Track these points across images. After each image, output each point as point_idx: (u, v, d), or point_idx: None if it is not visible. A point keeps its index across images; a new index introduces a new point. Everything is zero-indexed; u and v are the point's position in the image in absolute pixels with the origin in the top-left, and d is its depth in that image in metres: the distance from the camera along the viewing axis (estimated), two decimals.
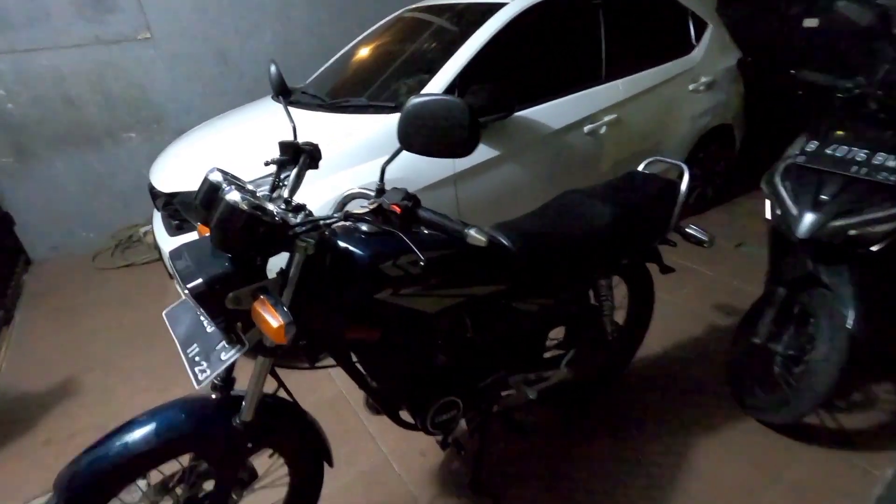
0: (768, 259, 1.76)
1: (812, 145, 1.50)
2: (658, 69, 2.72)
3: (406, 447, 1.67)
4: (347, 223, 0.99)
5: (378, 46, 2.71)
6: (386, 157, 1.09)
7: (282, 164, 1.08)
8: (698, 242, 1.49)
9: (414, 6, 2.86)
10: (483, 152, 2.14)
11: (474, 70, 2.12)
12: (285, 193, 1.03)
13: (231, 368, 1.06)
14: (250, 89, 3.48)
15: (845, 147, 1.43)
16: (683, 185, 1.49)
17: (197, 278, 0.83)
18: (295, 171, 1.07)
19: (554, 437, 1.69)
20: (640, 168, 1.62)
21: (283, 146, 1.06)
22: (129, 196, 3.33)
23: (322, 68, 2.90)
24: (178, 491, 1.10)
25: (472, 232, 0.82)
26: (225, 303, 0.85)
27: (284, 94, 1.14)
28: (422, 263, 0.94)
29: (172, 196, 2.02)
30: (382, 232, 0.96)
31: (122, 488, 0.98)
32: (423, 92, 2.05)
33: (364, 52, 2.74)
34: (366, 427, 1.78)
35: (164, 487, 1.09)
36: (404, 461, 1.64)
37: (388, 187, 0.93)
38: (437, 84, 2.06)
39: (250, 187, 0.95)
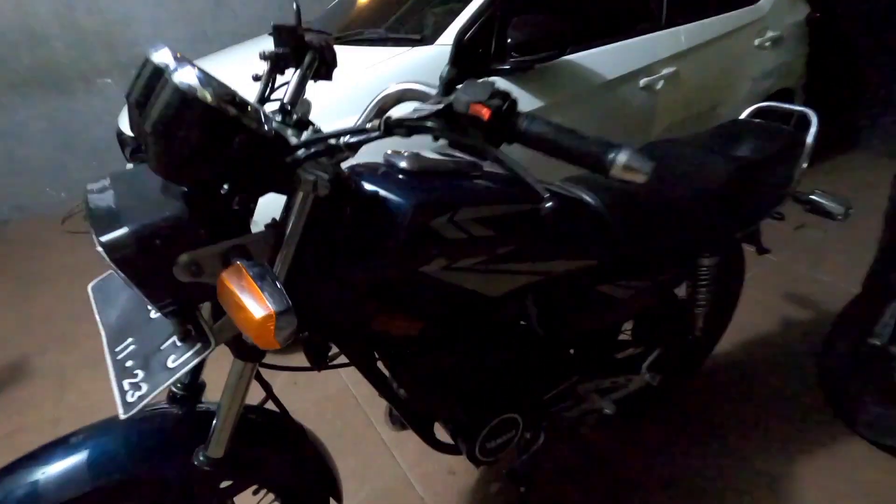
0: (882, 246, 1.41)
1: None
2: (724, 17, 2.32)
3: (431, 462, 1.33)
4: (388, 155, 0.63)
5: None
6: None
7: (277, 65, 0.71)
8: (827, 214, 1.13)
9: None
10: (525, 101, 1.75)
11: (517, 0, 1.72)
12: (285, 99, 0.66)
13: (199, 370, 0.70)
14: (245, 34, 3.05)
15: None
16: (809, 138, 1.13)
17: (119, 227, 0.46)
18: (298, 73, 0.70)
19: (621, 454, 1.35)
20: (745, 115, 1.25)
21: (281, 31, 0.68)
22: (105, 151, 2.92)
23: (331, 4, 2.47)
24: None
25: (624, 159, 0.46)
26: (174, 272, 0.49)
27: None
28: (548, 205, 0.57)
29: None
30: (452, 163, 0.60)
31: None
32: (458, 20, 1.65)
33: None
34: (379, 434, 1.44)
35: None
36: (427, 481, 1.30)
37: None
38: (473, 12, 1.66)
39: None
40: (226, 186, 0.51)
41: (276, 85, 0.71)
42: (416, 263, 0.65)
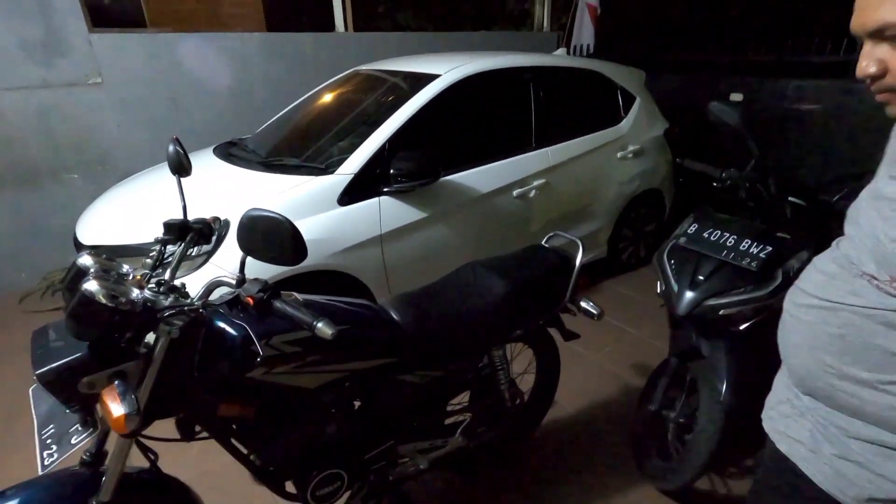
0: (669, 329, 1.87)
1: (693, 228, 1.64)
2: (587, 138, 2.91)
3: None
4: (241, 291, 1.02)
5: (323, 104, 2.83)
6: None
7: (168, 242, 1.12)
8: (590, 315, 1.57)
9: (364, 67, 3.01)
10: (410, 214, 2.23)
11: (404, 136, 2.23)
12: (166, 273, 1.07)
13: (102, 442, 1.06)
14: (200, 133, 3.52)
15: (718, 232, 1.57)
16: (578, 260, 1.59)
17: (46, 364, 0.85)
18: (180, 249, 1.12)
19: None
20: (543, 242, 1.72)
21: (168, 226, 1.11)
22: (66, 237, 3.25)
23: (268, 122, 2.98)
24: None
25: (320, 325, 0.87)
26: (78, 388, 0.87)
27: (181, 172, 1.19)
28: (258, 360, 0.98)
29: (94, 249, 2.01)
30: (254, 314, 1.00)
31: None
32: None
33: (309, 109, 2.85)
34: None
35: None
36: None
37: (249, 277, 0.98)
38: (367, 149, 2.16)
39: (126, 268, 0.99)
40: (115, 335, 0.90)
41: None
42: (244, 371, 1.04)
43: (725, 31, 5.01)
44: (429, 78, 2.41)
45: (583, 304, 1.59)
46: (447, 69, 2.45)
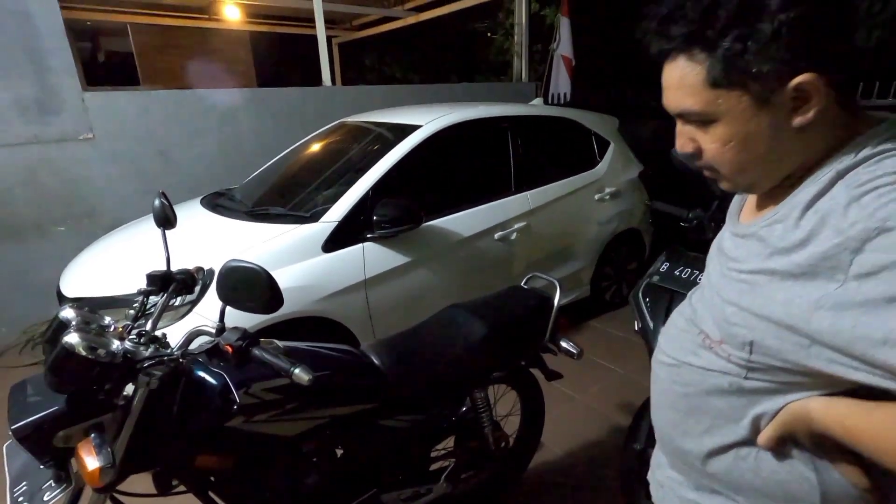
0: None
1: (665, 266, 1.70)
2: (564, 182, 3.02)
3: None
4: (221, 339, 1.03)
5: (308, 155, 2.93)
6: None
7: (151, 293, 1.15)
8: (570, 355, 1.60)
9: (349, 119, 3.13)
10: (394, 259, 2.27)
11: (388, 184, 2.31)
12: (148, 323, 1.09)
13: (76, 498, 1.04)
14: (191, 186, 3.58)
15: (689, 269, 1.63)
16: (556, 300, 1.63)
17: (22, 419, 0.86)
18: (161, 299, 1.14)
19: None
20: (522, 283, 1.76)
21: (150, 278, 1.14)
22: (49, 290, 3.23)
23: (255, 173, 3.06)
24: None
25: (297, 371, 0.89)
26: (53, 442, 0.87)
27: (166, 225, 1.23)
28: (235, 408, 0.99)
29: (76, 301, 2.02)
30: (233, 363, 1.02)
31: None
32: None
33: (295, 160, 2.94)
34: None
35: None
36: None
37: (231, 325, 1.00)
38: (351, 198, 2.22)
39: (108, 320, 1.01)
40: (95, 387, 0.91)
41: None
42: (223, 420, 1.04)
43: None
44: (411, 128, 2.52)
45: (563, 343, 1.61)
46: (428, 120, 2.57)
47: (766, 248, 0.61)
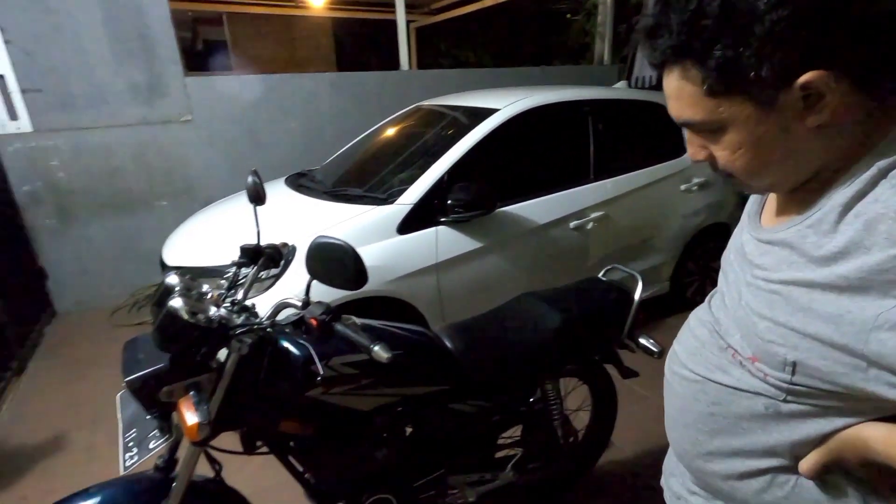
0: None
1: None
2: (648, 170, 2.85)
3: None
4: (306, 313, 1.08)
5: (385, 138, 2.98)
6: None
7: (242, 265, 1.22)
8: (649, 353, 1.51)
9: (425, 102, 3.15)
10: (467, 244, 2.26)
11: (463, 168, 2.30)
12: (240, 293, 1.15)
13: (174, 450, 1.14)
14: (275, 166, 3.78)
15: None
16: (637, 295, 1.54)
17: (134, 372, 0.94)
18: (251, 271, 1.21)
19: None
20: (601, 275, 1.69)
21: (243, 250, 1.20)
22: (153, 258, 3.58)
23: (334, 155, 3.17)
24: None
25: (377, 349, 0.91)
26: (159, 396, 0.96)
27: (257, 201, 1.29)
28: (318, 378, 1.02)
29: (178, 269, 2.20)
30: (311, 336, 1.06)
31: None
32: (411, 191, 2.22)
33: (372, 143, 3.00)
34: None
35: None
36: None
37: (313, 299, 1.03)
38: (426, 181, 2.24)
39: (206, 287, 1.09)
40: (194, 349, 0.99)
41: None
42: (304, 390, 1.09)
43: None
44: (488, 112, 2.48)
45: (642, 340, 1.53)
46: (506, 103, 2.51)
47: (799, 256, 0.55)
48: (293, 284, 1.94)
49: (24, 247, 3.29)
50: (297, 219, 2.28)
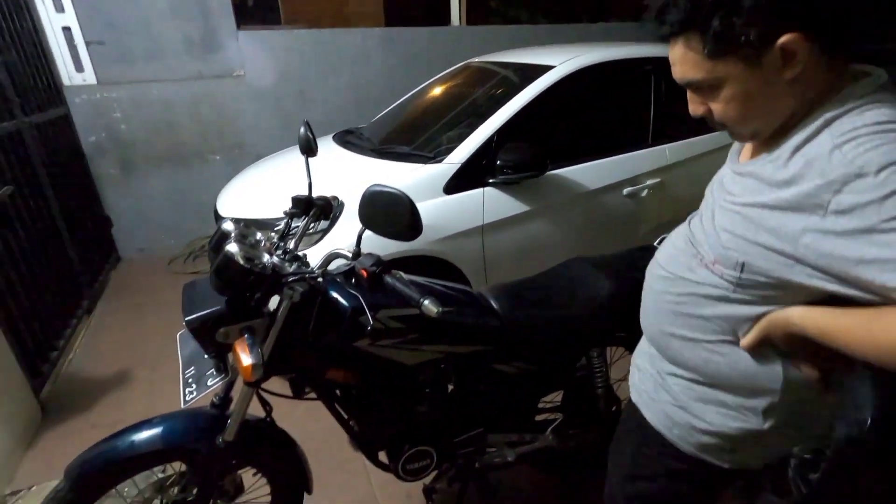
0: None
1: None
2: (711, 136, 2.65)
3: (395, 486, 1.72)
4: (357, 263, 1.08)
5: (434, 96, 2.91)
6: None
7: (294, 215, 1.23)
8: None
9: (475, 59, 3.04)
10: (514, 206, 2.21)
11: (514, 128, 2.22)
12: (291, 243, 1.17)
13: (229, 389, 1.19)
14: (323, 122, 3.80)
15: None
16: None
17: (194, 313, 0.98)
18: (304, 222, 1.22)
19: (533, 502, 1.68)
20: (655, 243, 1.60)
21: (295, 200, 1.21)
22: (207, 210, 3.71)
23: (382, 113, 3.13)
24: (171, 492, 1.24)
25: (426, 303, 0.90)
26: (216, 337, 0.99)
27: (309, 153, 1.29)
28: (368, 328, 1.02)
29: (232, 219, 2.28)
30: (361, 288, 1.06)
31: (121, 481, 1.14)
32: (459, 149, 2.17)
33: (421, 101, 2.94)
34: (362, 460, 1.85)
35: (160, 487, 1.24)
36: (390, 500, 1.70)
37: (365, 250, 1.03)
38: (475, 140, 2.17)
39: (259, 235, 1.10)
40: (248, 294, 1.01)
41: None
42: (351, 340, 1.11)
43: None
44: (542, 69, 2.36)
45: None
46: (561, 60, 2.38)
47: (759, 184, 0.72)
48: (341, 241, 1.96)
49: (92, 195, 3.49)
50: (345, 175, 2.29)
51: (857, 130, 0.63)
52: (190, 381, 1.06)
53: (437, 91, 2.93)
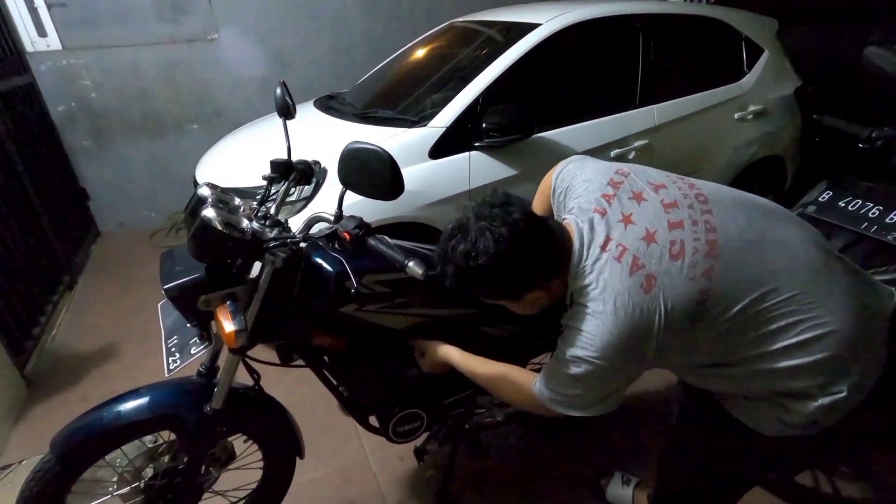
0: None
1: (826, 196, 1.43)
2: (700, 95, 2.62)
3: (387, 449, 1.75)
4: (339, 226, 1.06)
5: (417, 58, 2.81)
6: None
7: (273, 180, 1.19)
8: None
9: (459, 19, 2.93)
10: (501, 170, 2.17)
11: (499, 89, 2.16)
12: (272, 208, 1.13)
13: (215, 358, 1.18)
14: (303, 88, 3.66)
15: (859, 201, 1.35)
16: None
17: (172, 281, 0.95)
18: (283, 186, 1.18)
19: (523, 460, 1.72)
20: None
21: (274, 164, 1.17)
22: (187, 181, 3.61)
23: (364, 76, 3.03)
24: (162, 461, 1.24)
25: (411, 265, 0.88)
26: (197, 304, 0.97)
27: (286, 115, 1.24)
28: (353, 291, 1.01)
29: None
30: (344, 251, 1.04)
31: (109, 452, 1.13)
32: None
33: (404, 63, 2.85)
34: (354, 425, 1.87)
35: (151, 456, 1.24)
36: (382, 463, 1.73)
37: (346, 212, 1.00)
38: (460, 103, 2.12)
39: (237, 201, 1.07)
40: (228, 260, 0.99)
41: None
42: (337, 305, 1.09)
43: None
44: (528, 28, 2.29)
45: None
46: (548, 18, 2.30)
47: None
48: (325, 209, 1.91)
49: (66, 168, 3.37)
50: (327, 141, 2.22)
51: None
52: (173, 350, 1.04)
53: (421, 53, 2.84)
